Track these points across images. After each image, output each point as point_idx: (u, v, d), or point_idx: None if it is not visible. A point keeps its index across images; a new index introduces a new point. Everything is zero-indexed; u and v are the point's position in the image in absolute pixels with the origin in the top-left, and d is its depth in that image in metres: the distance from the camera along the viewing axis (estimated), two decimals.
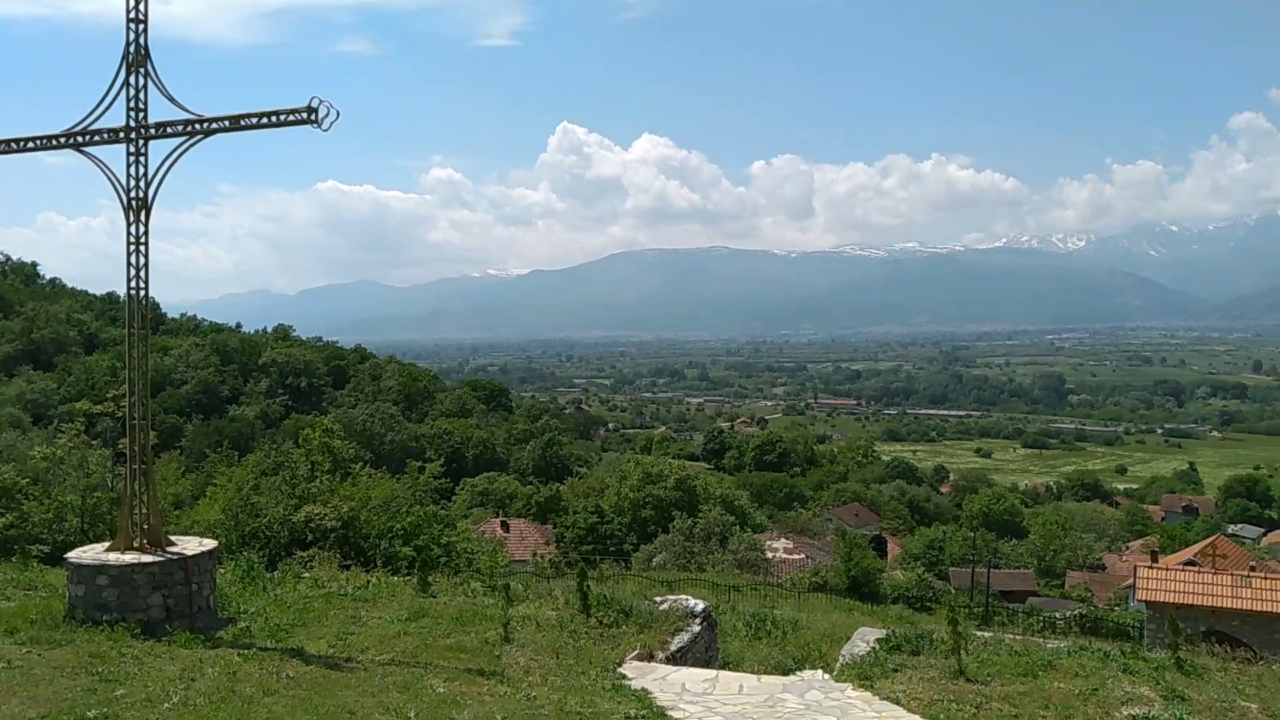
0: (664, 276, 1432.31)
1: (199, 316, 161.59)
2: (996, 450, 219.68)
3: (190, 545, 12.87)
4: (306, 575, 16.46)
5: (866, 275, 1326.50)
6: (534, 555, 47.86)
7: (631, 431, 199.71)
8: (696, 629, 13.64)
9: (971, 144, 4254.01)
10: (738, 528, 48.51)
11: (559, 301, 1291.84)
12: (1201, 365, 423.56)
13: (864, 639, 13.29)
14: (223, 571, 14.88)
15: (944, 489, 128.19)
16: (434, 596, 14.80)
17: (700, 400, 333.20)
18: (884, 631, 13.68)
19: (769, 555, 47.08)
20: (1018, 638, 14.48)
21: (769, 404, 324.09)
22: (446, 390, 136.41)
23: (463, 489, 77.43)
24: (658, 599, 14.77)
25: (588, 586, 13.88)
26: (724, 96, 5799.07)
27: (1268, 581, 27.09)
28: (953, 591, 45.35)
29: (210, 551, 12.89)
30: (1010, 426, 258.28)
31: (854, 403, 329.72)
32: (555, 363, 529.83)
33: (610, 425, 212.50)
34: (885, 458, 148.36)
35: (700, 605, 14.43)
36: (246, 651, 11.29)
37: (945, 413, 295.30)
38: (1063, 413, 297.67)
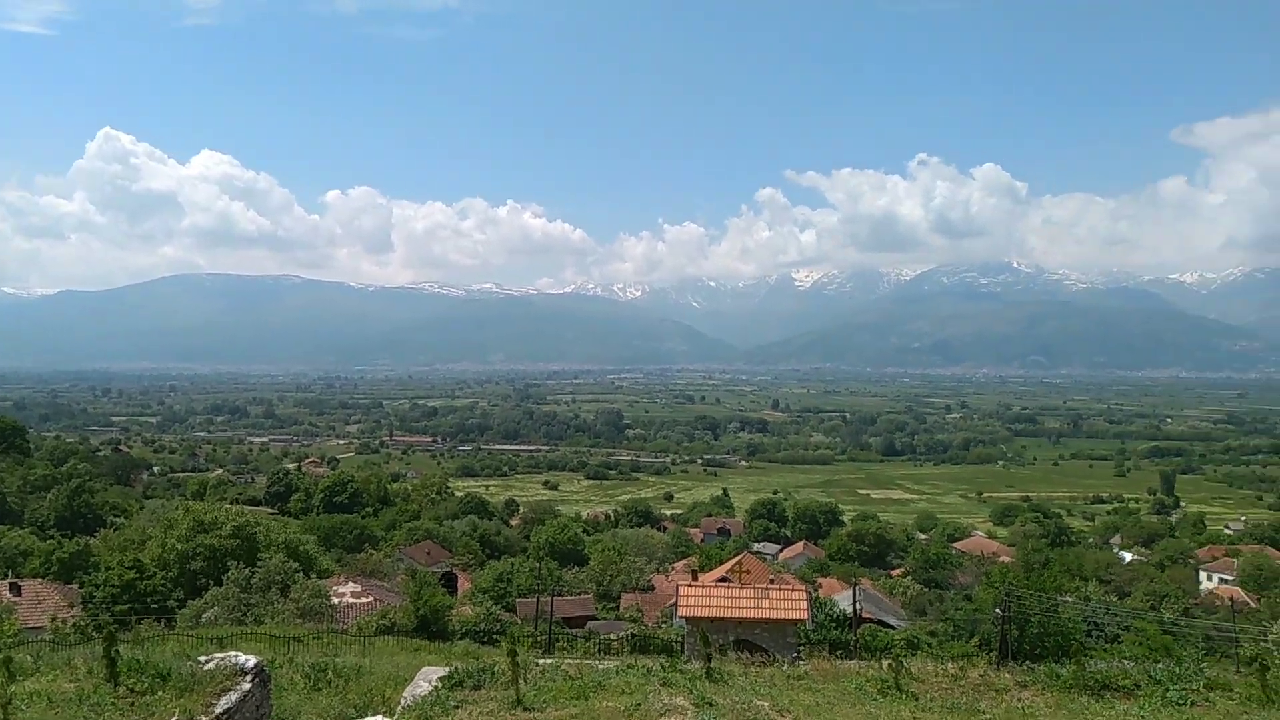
0: (226, 304, 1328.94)
1: None
2: (563, 482, 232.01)
3: None
4: None
5: (445, 313, 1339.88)
6: (53, 620, 41.63)
7: (182, 475, 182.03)
8: (247, 687, 12.73)
9: (543, 194, 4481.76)
10: (301, 574, 45.96)
11: (96, 327, 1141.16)
12: (733, 403, 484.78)
13: (427, 679, 13.29)
14: None
15: (514, 522, 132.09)
16: None
17: (265, 439, 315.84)
18: (447, 669, 13.79)
19: (335, 601, 45.13)
20: (575, 662, 15.40)
21: (342, 442, 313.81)
22: None
23: None
24: (203, 658, 13.59)
25: (117, 651, 12.36)
26: (296, 120, 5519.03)
27: (782, 592, 31.07)
28: (519, 622, 46.71)
29: None
30: (575, 459, 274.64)
31: (430, 440, 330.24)
32: (88, 398, 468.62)
33: (155, 469, 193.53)
34: (459, 494, 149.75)
35: (252, 661, 13.50)
36: None
37: (517, 448, 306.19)
38: (621, 446, 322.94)
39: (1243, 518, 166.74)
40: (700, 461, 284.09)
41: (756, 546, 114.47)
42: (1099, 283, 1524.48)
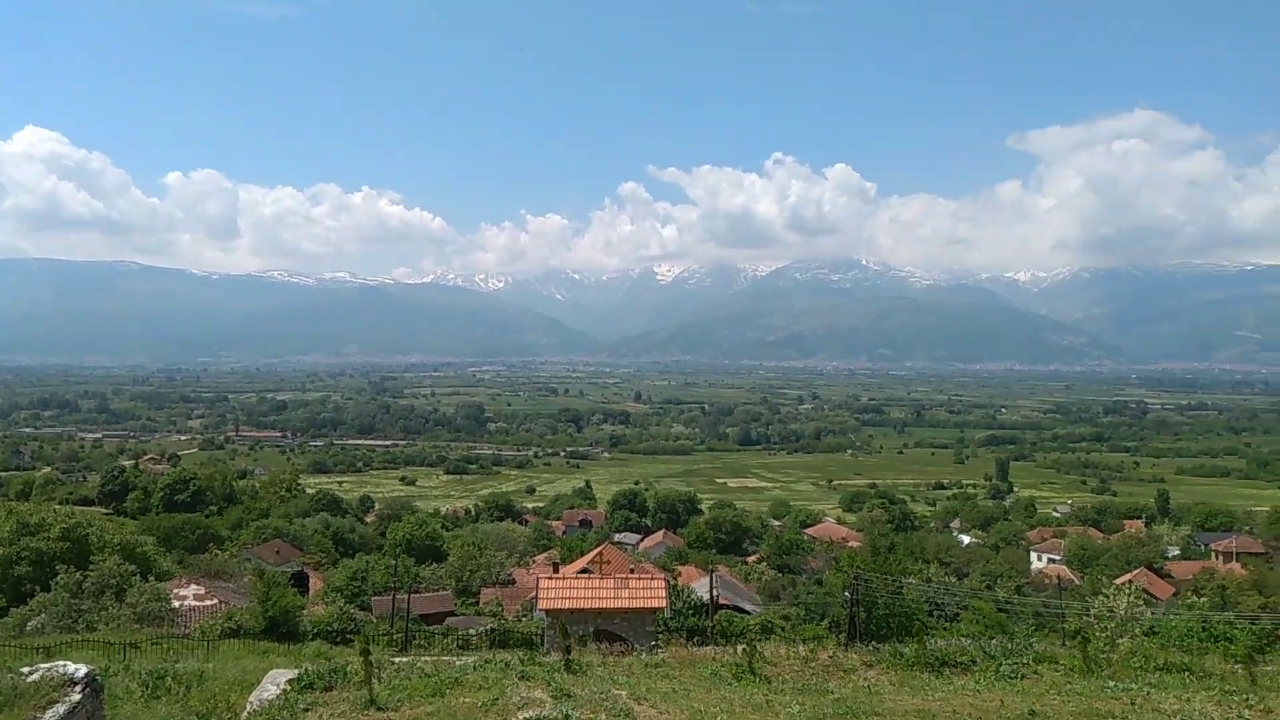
0: (54, 291, 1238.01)
1: None
2: (421, 477, 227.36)
3: None
4: None
5: (295, 302, 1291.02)
6: None
7: (4, 474, 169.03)
8: (76, 698, 11.98)
9: (401, 181, 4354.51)
10: (139, 577, 43.53)
11: None
12: (596, 395, 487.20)
13: (275, 682, 12.84)
14: None
15: (369, 519, 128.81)
16: None
17: (98, 435, 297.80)
18: (297, 671, 13.34)
19: (176, 604, 43.03)
20: (432, 659, 15.16)
21: (183, 438, 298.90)
22: None
23: None
24: (26, 669, 12.70)
25: None
26: (133, 97, 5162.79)
27: (642, 581, 31.35)
28: (374, 620, 45.62)
29: None
30: (434, 454, 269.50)
31: (279, 434, 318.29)
32: None
33: None
34: (310, 490, 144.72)
35: (82, 670, 12.72)
36: None
37: (373, 443, 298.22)
38: (482, 439, 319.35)
39: (1069, 502, 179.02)
40: (563, 454, 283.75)
41: (618, 537, 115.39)
42: (941, 280, 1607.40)
